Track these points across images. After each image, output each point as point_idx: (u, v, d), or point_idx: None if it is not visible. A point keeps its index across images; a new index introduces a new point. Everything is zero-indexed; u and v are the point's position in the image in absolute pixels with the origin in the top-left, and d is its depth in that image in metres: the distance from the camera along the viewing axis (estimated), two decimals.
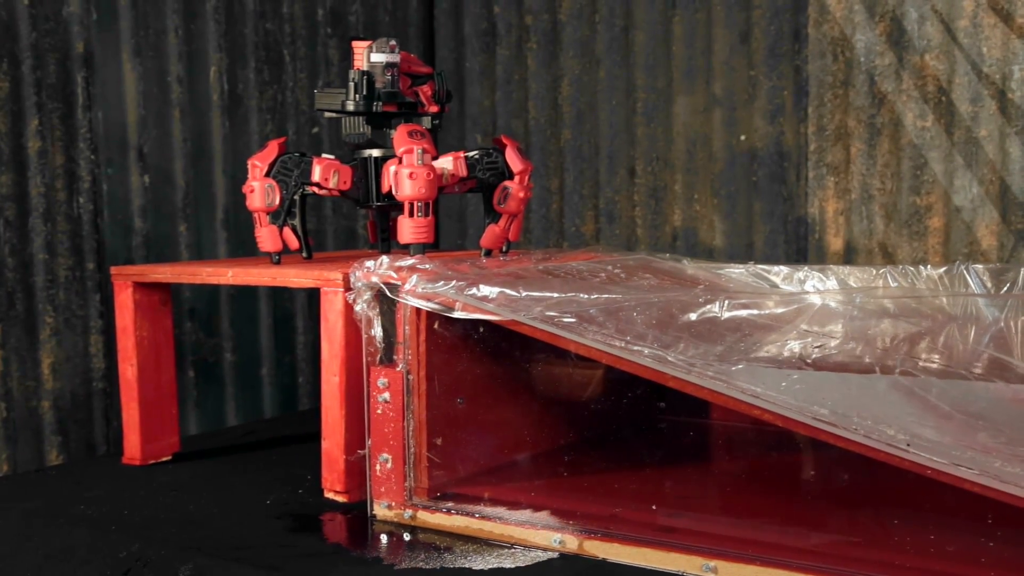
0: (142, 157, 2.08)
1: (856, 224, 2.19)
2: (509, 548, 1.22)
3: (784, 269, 1.60)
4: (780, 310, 1.14)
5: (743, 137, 2.30)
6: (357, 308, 1.34)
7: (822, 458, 1.44)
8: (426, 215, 1.46)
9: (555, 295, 1.23)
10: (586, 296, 1.22)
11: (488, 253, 1.59)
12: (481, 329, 1.34)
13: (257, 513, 1.37)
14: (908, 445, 1.03)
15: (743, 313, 1.17)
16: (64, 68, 1.95)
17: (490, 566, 1.17)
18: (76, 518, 1.36)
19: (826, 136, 2.21)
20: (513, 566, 1.17)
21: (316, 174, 1.50)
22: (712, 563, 1.10)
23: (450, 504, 1.31)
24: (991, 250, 2.07)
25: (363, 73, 1.52)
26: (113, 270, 1.59)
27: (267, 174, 1.50)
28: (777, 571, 1.06)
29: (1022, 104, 2.02)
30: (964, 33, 2.06)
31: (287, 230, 1.53)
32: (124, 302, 1.57)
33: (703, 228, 2.35)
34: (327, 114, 1.57)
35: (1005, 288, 1.44)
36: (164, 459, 1.62)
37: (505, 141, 1.58)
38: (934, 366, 1.22)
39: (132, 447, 1.58)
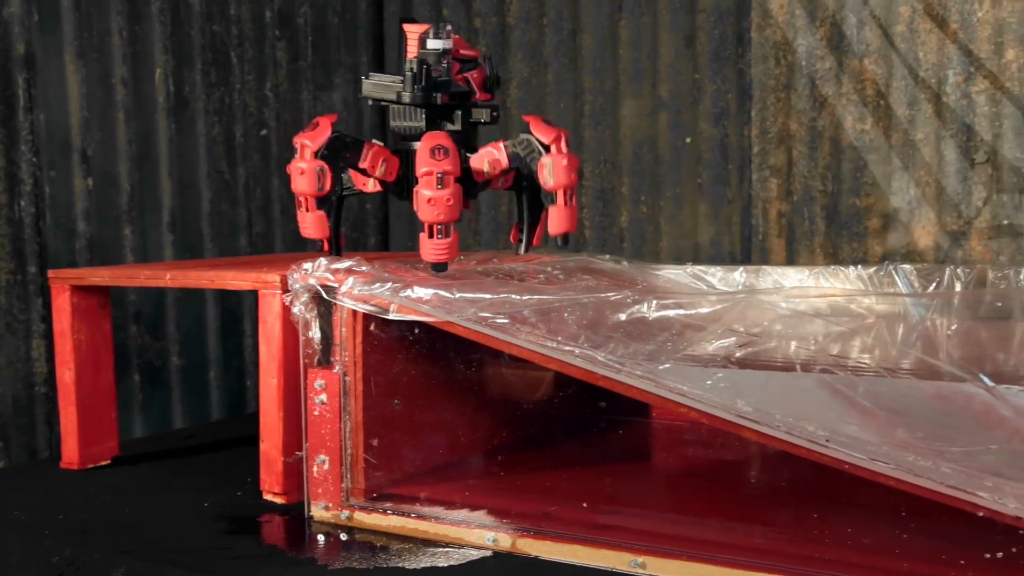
0: (86, 160, 2.06)
1: (798, 225, 2.23)
2: (444, 547, 1.23)
3: (720, 270, 1.62)
4: (707, 310, 1.17)
5: (688, 139, 2.33)
6: (295, 310, 1.35)
7: (754, 456, 1.47)
8: (446, 236, 1.36)
9: (488, 296, 1.24)
10: (518, 297, 1.23)
11: (564, 240, 1.43)
12: (417, 331, 1.35)
13: (194, 516, 1.37)
14: (827, 441, 1.05)
15: (671, 313, 1.19)
16: (5, 70, 1.93)
17: (423, 565, 1.18)
18: (9, 523, 1.35)
19: (769, 139, 2.25)
20: (447, 565, 1.18)
21: (366, 160, 1.40)
22: (640, 559, 1.12)
23: (387, 504, 1.31)
24: (928, 251, 2.11)
25: (421, 62, 1.39)
26: (50, 273, 1.58)
27: (317, 155, 1.36)
28: (702, 565, 1.08)
29: (956, 108, 2.07)
30: (901, 38, 2.11)
31: None
32: (61, 306, 1.56)
33: (650, 230, 2.38)
34: (372, 102, 1.45)
35: (931, 287, 1.48)
36: (103, 463, 1.61)
37: (527, 118, 1.42)
38: (861, 364, 1.25)
39: (70, 451, 1.57)
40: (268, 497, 1.41)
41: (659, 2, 2.32)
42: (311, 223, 1.39)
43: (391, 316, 1.28)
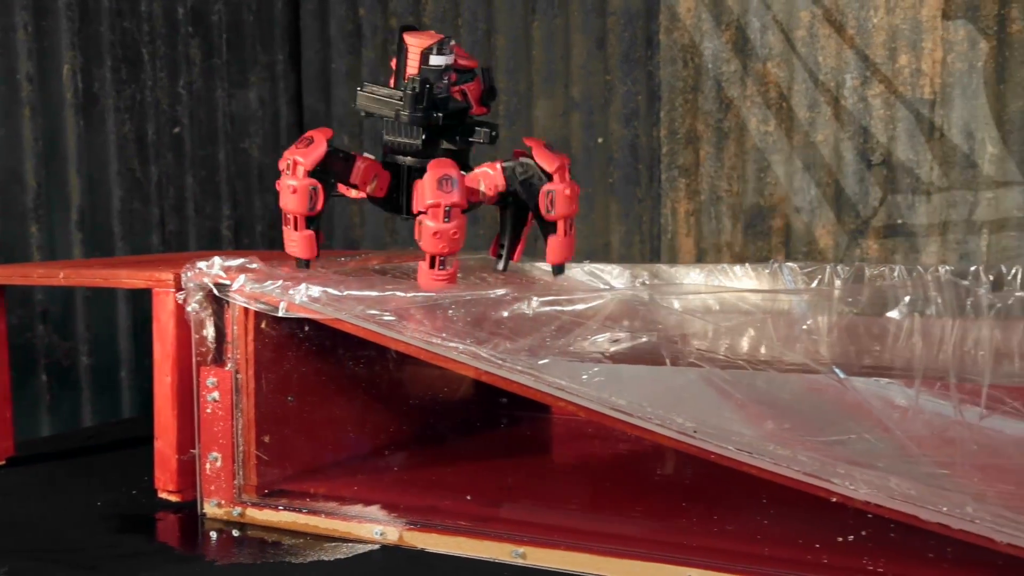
0: None
1: (705, 224, 2.29)
2: (335, 542, 1.25)
3: (617, 268, 1.66)
4: (582, 307, 1.20)
5: (600, 140, 2.37)
6: (189, 308, 1.35)
7: (645, 450, 1.50)
8: (447, 266, 1.34)
9: (375, 294, 1.26)
10: (404, 295, 1.25)
11: (560, 269, 1.42)
12: (307, 328, 1.36)
13: (86, 515, 1.37)
14: (695, 432, 1.10)
15: (552, 310, 1.22)
16: None
17: (310, 560, 1.20)
18: None
19: (677, 139, 2.30)
20: (333, 559, 1.20)
21: (357, 175, 1.36)
22: (521, 549, 1.15)
23: (279, 501, 1.33)
24: (828, 249, 2.18)
25: (424, 81, 1.32)
26: None
27: (310, 173, 1.32)
28: (579, 555, 1.12)
29: (854, 111, 2.14)
30: (802, 43, 2.17)
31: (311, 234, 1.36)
32: None
33: None
34: (365, 115, 1.39)
35: (814, 284, 1.53)
36: None
37: (530, 142, 1.41)
38: (737, 359, 1.30)
39: None
40: (163, 495, 1.41)
41: (571, 4, 2.36)
42: (300, 243, 1.35)
43: (281, 313, 1.29)
